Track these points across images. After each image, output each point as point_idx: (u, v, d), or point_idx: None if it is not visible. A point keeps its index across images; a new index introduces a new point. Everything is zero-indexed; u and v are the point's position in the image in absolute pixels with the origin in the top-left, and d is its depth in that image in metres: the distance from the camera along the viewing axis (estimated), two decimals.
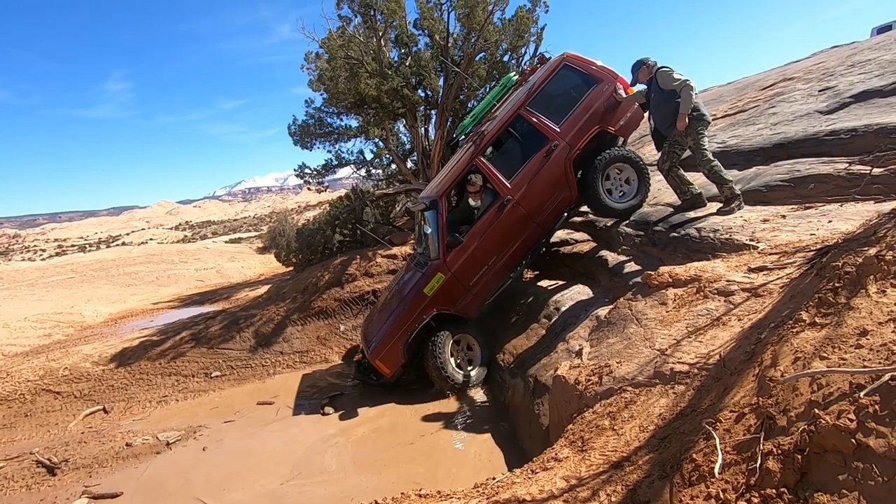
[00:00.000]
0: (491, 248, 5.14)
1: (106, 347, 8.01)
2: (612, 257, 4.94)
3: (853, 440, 1.12)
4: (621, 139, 5.47)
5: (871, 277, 1.54)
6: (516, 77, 6.21)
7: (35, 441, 5.78)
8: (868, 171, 3.49)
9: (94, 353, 7.76)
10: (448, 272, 5.12)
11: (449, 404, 4.96)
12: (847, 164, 3.85)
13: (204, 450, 4.87)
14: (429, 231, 5.28)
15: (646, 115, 5.06)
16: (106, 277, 19.45)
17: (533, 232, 5.20)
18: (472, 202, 5.47)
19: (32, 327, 11.36)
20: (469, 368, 5.26)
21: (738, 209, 4.08)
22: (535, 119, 5.16)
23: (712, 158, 4.32)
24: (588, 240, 5.87)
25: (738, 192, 4.18)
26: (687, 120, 4.31)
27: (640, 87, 4.95)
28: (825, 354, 1.41)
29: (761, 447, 1.31)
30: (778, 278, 2.28)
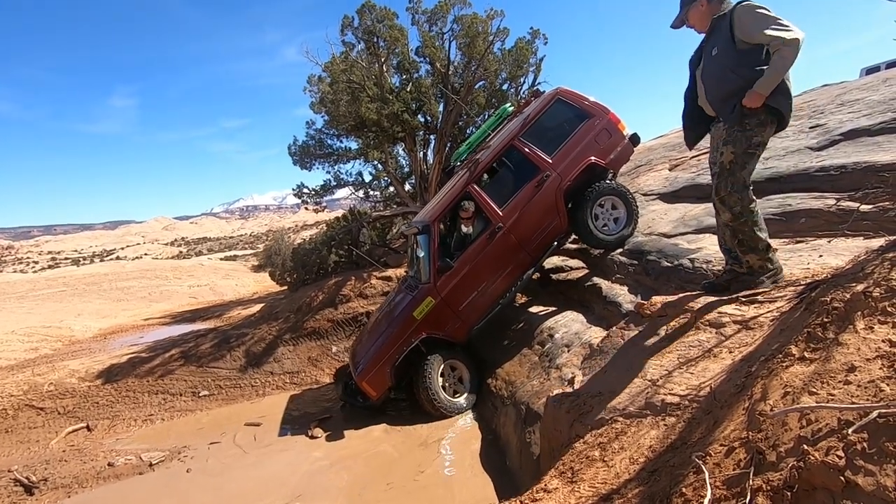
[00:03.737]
0: (481, 274, 5.20)
1: (93, 363, 7.88)
2: (606, 285, 4.95)
3: (842, 478, 1.11)
4: (612, 172, 5.59)
5: (859, 313, 1.56)
6: (512, 108, 6.36)
7: (14, 458, 5.63)
8: (857, 208, 3.55)
9: (81, 368, 7.63)
10: (438, 296, 5.15)
11: (438, 429, 4.88)
12: (836, 200, 3.91)
13: (188, 471, 4.76)
14: (421, 255, 5.33)
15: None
16: (97, 292, 19.27)
17: (523, 260, 5.27)
18: (464, 228, 5.54)
19: (20, 340, 11.19)
20: (458, 394, 5.21)
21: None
22: (527, 150, 5.28)
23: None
24: (582, 267, 5.90)
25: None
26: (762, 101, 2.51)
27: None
28: (814, 389, 1.41)
29: (751, 482, 1.30)
30: (768, 311, 2.29)
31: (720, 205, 2.71)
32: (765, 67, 2.51)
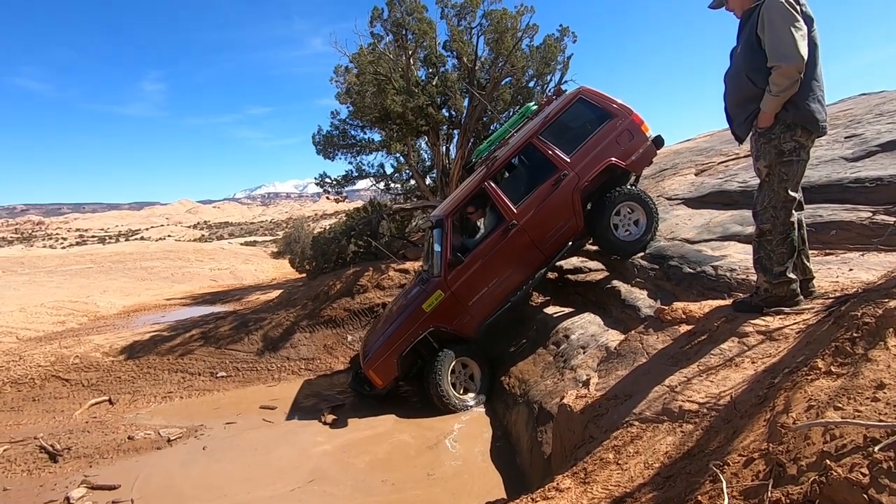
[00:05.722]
0: (492, 270, 5.20)
1: (117, 339, 8.12)
2: (625, 289, 4.91)
3: (865, 495, 1.10)
4: (633, 174, 5.52)
5: (891, 330, 1.52)
6: (535, 107, 6.33)
7: (40, 426, 5.85)
8: (892, 222, 3.45)
9: (106, 343, 7.87)
10: (447, 290, 5.18)
11: (449, 422, 4.92)
12: (871, 213, 3.80)
13: (204, 449, 4.88)
14: (436, 249, 5.38)
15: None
16: (122, 270, 19.79)
17: (536, 258, 5.25)
18: (479, 224, 5.58)
19: (48, 313, 11.58)
20: (468, 392, 5.23)
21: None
22: (545, 148, 5.25)
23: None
24: (602, 269, 5.85)
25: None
26: (773, 118, 2.38)
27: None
28: (840, 405, 1.39)
29: (769, 494, 1.29)
30: (794, 323, 2.25)
31: (753, 218, 2.60)
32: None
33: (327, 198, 13.23)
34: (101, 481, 4.34)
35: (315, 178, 12.59)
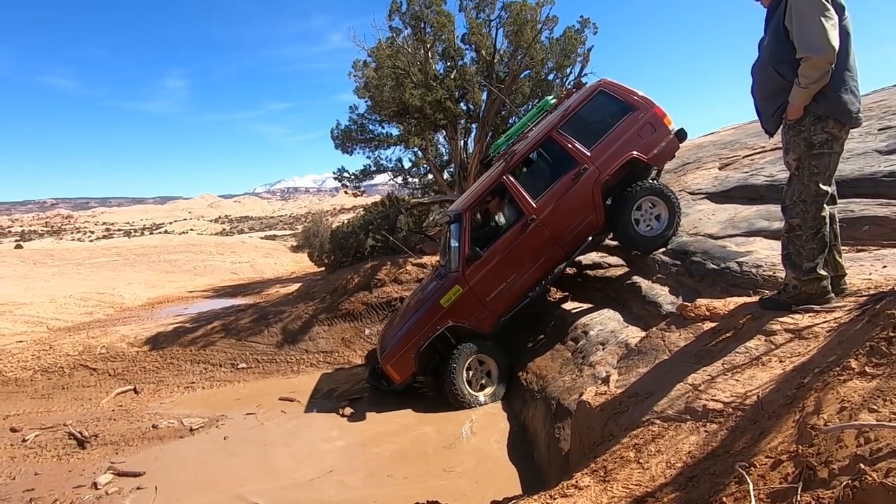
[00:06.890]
0: (511, 265, 5.14)
1: (142, 330, 8.32)
2: (645, 284, 4.82)
3: None
4: (655, 168, 5.40)
5: None
6: (554, 100, 6.23)
7: (69, 413, 6.04)
8: None
9: (131, 334, 8.08)
10: (465, 285, 5.14)
11: (466, 416, 4.91)
12: None
13: (225, 439, 4.98)
14: (453, 244, 5.35)
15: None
16: (147, 263, 20.28)
17: (555, 253, 5.18)
18: (497, 218, 5.52)
19: (76, 304, 11.93)
20: (484, 388, 5.19)
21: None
22: (565, 142, 5.16)
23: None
24: (622, 265, 5.76)
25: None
26: (802, 110, 2.31)
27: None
28: (875, 407, 1.34)
29: (799, 498, 1.25)
30: (825, 321, 2.18)
31: (782, 213, 2.49)
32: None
33: (345, 192, 13.31)
34: (127, 468, 4.45)
35: (333, 173, 12.67)
